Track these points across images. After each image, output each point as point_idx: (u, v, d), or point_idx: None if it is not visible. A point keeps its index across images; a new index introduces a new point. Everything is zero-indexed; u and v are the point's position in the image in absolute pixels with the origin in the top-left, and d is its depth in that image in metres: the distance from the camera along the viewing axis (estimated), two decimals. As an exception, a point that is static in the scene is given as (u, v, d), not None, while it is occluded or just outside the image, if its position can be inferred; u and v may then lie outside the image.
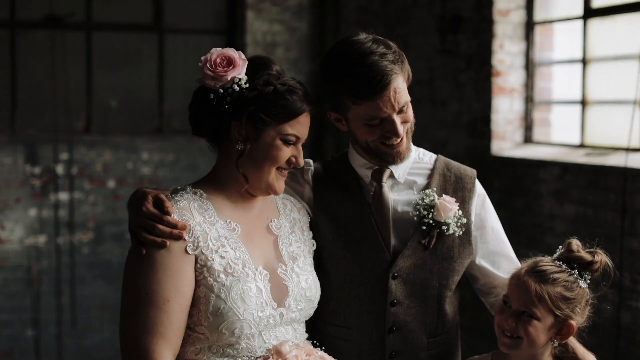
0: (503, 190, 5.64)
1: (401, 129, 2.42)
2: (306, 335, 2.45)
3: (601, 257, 2.42)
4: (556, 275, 2.37)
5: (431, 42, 6.45)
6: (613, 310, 4.51)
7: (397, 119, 2.40)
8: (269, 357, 1.98)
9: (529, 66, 5.76)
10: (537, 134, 5.80)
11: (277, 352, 1.99)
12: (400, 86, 2.38)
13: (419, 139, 6.52)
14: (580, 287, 2.38)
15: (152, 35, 7.46)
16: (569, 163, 4.97)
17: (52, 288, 6.91)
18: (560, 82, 5.73)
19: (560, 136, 5.69)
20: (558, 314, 2.35)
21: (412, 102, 2.45)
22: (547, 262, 2.41)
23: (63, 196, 6.91)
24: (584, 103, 5.22)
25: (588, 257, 2.40)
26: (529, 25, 5.73)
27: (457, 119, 6.16)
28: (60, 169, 6.84)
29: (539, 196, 5.24)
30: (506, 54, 5.74)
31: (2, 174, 6.68)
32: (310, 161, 2.65)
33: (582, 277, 2.40)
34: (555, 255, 2.45)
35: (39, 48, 6.98)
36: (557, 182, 5.06)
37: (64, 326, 7.00)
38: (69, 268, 6.98)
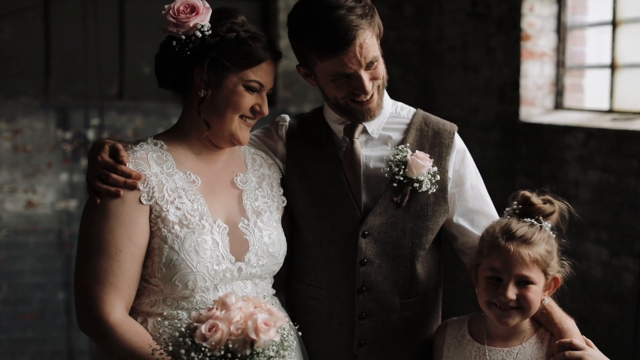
0: (530, 157, 5.48)
1: (369, 85, 2.33)
2: (273, 291, 2.40)
3: (558, 204, 2.37)
4: (536, 235, 2.30)
5: (463, 5, 6.28)
6: (633, 280, 4.35)
7: (365, 75, 2.31)
8: (213, 308, 1.94)
9: (561, 30, 5.55)
10: (569, 99, 5.60)
11: (223, 303, 1.95)
12: (367, 41, 2.29)
13: (452, 106, 6.45)
14: (550, 237, 2.33)
15: (185, 1, 7.44)
16: (593, 128, 4.78)
17: (83, 252, 7.00)
18: (594, 46, 5.51)
19: (593, 102, 5.48)
20: (549, 271, 2.29)
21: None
22: (519, 224, 2.32)
23: (94, 161, 6.96)
24: (613, 67, 5.00)
25: (549, 208, 2.35)
26: (561, -13, 5.53)
27: (488, 85, 6.00)
28: (91, 134, 6.89)
29: (565, 163, 5.07)
30: (536, 17, 5.54)
31: (34, 139, 6.77)
32: (287, 117, 2.59)
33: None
34: (514, 211, 2.36)
35: (72, 15, 7.00)
36: (582, 149, 4.89)
37: (96, 290, 7.08)
38: (101, 233, 7.04)
